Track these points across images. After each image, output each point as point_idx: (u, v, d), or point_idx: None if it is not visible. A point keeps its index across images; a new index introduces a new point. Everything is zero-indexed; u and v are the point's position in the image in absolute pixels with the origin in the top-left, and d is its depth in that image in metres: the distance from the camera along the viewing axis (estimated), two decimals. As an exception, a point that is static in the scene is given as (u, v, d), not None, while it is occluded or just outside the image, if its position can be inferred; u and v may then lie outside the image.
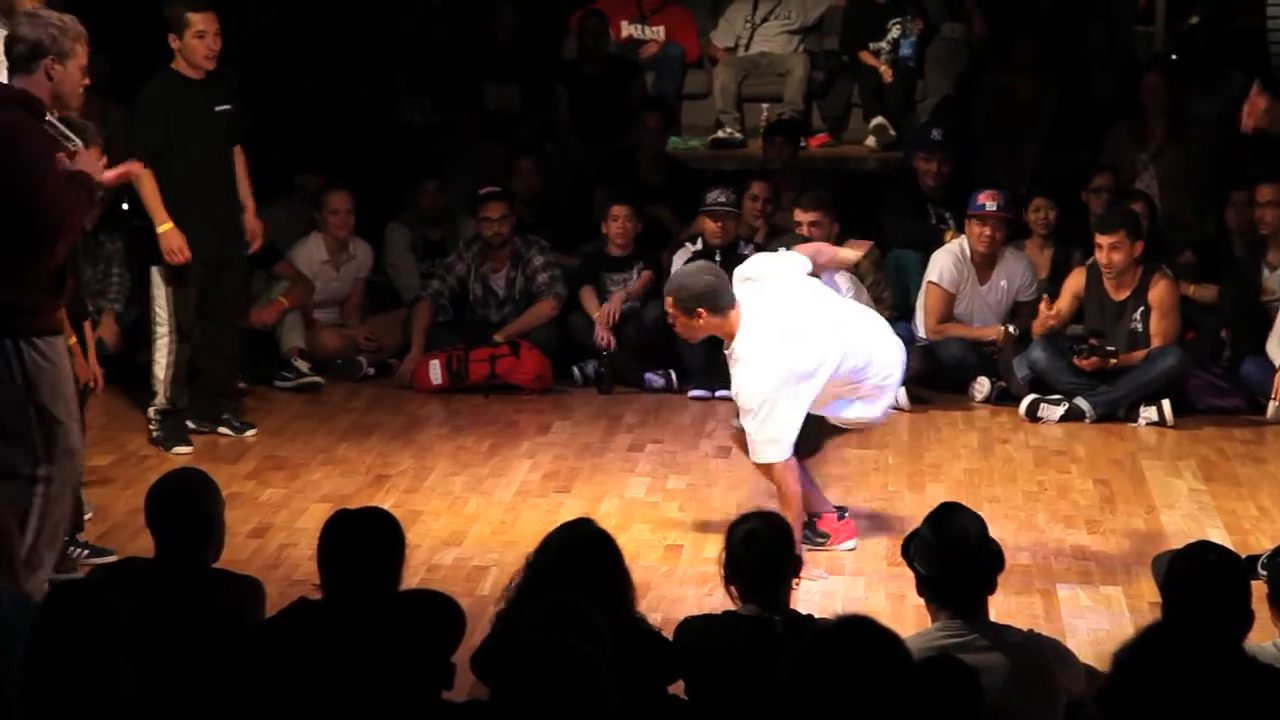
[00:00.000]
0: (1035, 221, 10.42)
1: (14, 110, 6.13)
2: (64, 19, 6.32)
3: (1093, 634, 6.42)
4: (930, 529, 4.87)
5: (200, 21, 8.57)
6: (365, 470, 8.62)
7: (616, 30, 12.68)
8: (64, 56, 6.21)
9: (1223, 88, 11.63)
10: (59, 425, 6.24)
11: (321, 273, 10.47)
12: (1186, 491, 8.39)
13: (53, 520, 6.30)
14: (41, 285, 6.20)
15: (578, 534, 5.12)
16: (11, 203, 6.07)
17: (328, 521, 4.97)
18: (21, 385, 6.17)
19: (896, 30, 12.26)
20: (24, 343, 6.16)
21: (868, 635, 3.91)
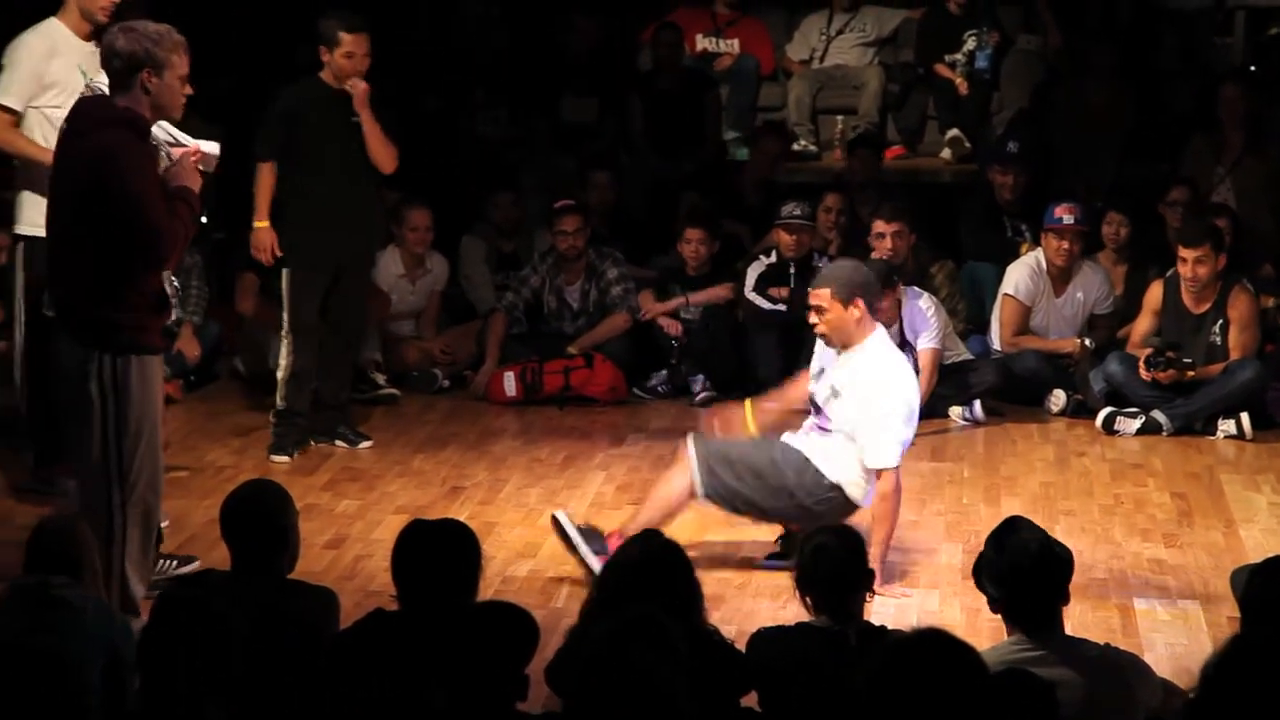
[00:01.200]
0: (1108, 236, 10.36)
1: (119, 130, 6.11)
2: (160, 29, 6.30)
3: (1170, 649, 6.37)
4: (992, 548, 4.83)
5: (352, 43, 8.68)
6: (441, 482, 8.64)
7: (691, 43, 12.67)
8: (160, 68, 6.18)
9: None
10: (142, 441, 6.28)
11: (398, 286, 10.51)
12: (1265, 505, 8.32)
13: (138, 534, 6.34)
14: (145, 305, 6.24)
15: (650, 546, 5.12)
16: (117, 225, 6.09)
17: (402, 532, 4.98)
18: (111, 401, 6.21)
19: (972, 42, 12.21)
20: (121, 360, 6.20)
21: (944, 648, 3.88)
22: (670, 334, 10.29)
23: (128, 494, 6.27)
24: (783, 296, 10.23)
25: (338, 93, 8.73)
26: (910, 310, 9.53)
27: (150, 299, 6.24)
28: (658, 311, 10.41)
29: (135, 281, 6.17)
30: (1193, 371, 9.51)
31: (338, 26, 8.68)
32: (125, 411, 6.21)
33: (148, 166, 6.19)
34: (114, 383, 6.19)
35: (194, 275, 10.20)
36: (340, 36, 8.67)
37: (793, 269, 10.28)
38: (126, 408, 6.21)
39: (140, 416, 6.25)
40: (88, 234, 6.15)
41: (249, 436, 9.22)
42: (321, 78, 8.76)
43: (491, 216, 11.10)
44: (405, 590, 4.90)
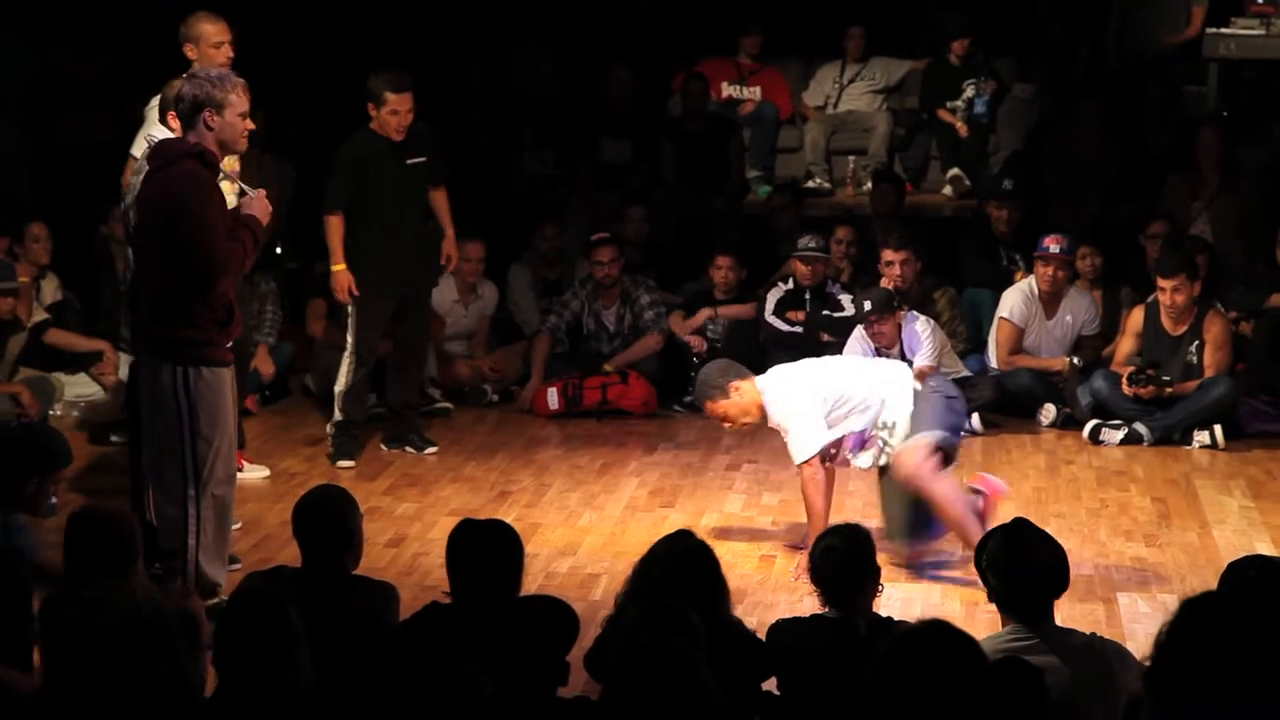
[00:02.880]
0: (1082, 267, 10.33)
1: (188, 163, 6.23)
2: (218, 73, 6.40)
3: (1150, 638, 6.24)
4: (1002, 545, 4.81)
5: (396, 102, 8.71)
6: (490, 487, 8.64)
7: (717, 90, 12.67)
8: (221, 107, 6.27)
9: (1267, 141, 11.52)
10: (213, 449, 6.30)
11: (452, 310, 10.52)
12: (1237, 508, 8.28)
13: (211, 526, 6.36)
14: (212, 320, 6.28)
15: (680, 545, 5.11)
16: (181, 247, 6.16)
17: (453, 531, 4.98)
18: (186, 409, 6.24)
19: (971, 90, 12.19)
20: (192, 371, 6.24)
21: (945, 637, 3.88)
22: (694, 349, 10.28)
23: (201, 490, 6.30)
24: (799, 320, 10.23)
25: (389, 142, 8.75)
26: (908, 332, 9.53)
27: (218, 315, 6.29)
28: (688, 328, 10.39)
29: (202, 300, 6.21)
30: (1171, 388, 9.47)
31: (385, 86, 8.71)
32: (198, 417, 6.25)
33: (212, 195, 6.26)
34: (186, 391, 6.23)
35: (269, 301, 10.23)
36: (386, 96, 8.70)
37: (808, 295, 10.27)
38: (199, 413, 6.25)
39: (212, 421, 6.28)
40: (162, 258, 6.23)
41: (318, 446, 9.24)
42: (373, 129, 8.79)
43: (537, 247, 11.12)
44: (457, 585, 4.91)
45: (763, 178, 12.46)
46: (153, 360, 6.33)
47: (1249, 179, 11.18)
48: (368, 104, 8.77)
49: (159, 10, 8.08)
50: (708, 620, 4.65)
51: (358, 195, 8.77)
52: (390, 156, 8.77)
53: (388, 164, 8.77)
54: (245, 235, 6.29)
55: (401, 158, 8.79)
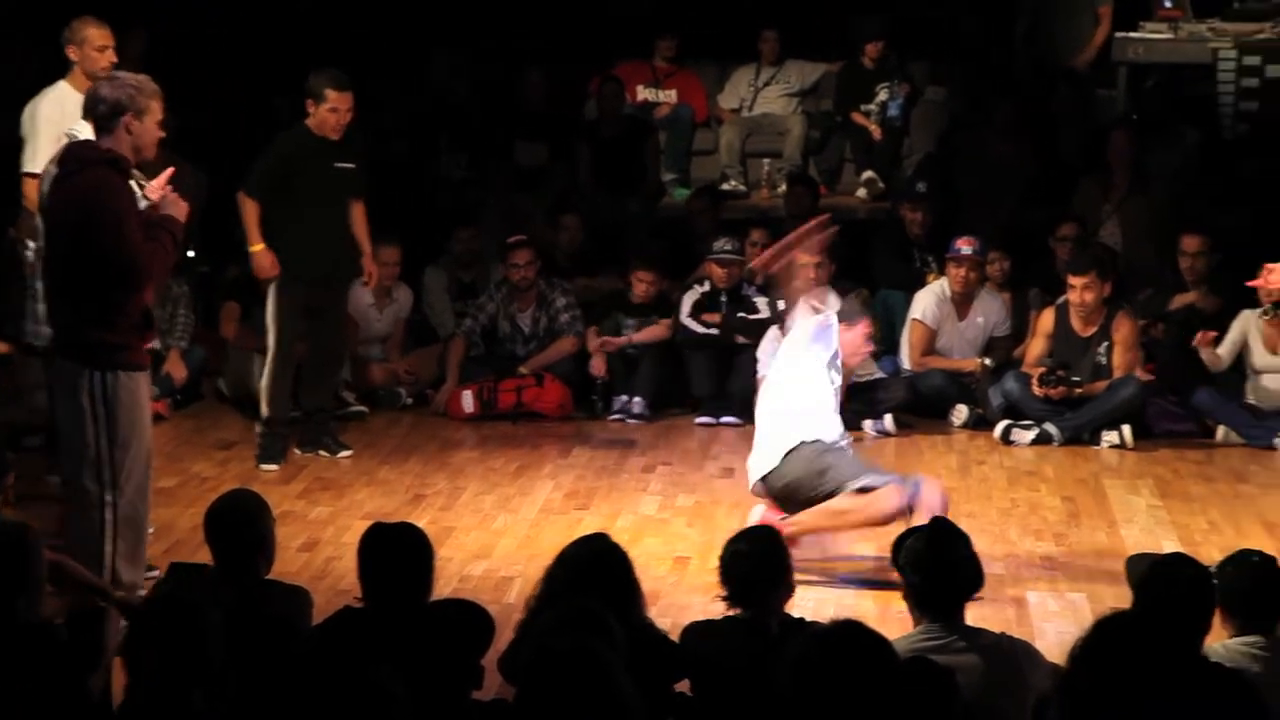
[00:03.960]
0: (991, 272, 10.41)
1: (102, 169, 6.18)
2: (139, 79, 6.37)
3: (1059, 636, 6.37)
4: (924, 542, 4.85)
5: (337, 100, 8.71)
6: (404, 490, 8.61)
7: (633, 94, 12.69)
8: (142, 113, 6.26)
9: (1176, 144, 11.65)
10: (130, 453, 6.26)
11: (367, 314, 10.49)
12: (1144, 507, 8.37)
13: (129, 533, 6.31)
14: (129, 325, 6.24)
15: (594, 547, 5.12)
16: (101, 253, 6.12)
17: (364, 535, 4.97)
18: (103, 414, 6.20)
19: (885, 93, 12.26)
20: (110, 375, 6.19)
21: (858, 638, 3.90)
22: (595, 374, 10.27)
23: (118, 496, 6.25)
24: (715, 322, 10.26)
25: (322, 140, 8.75)
26: None
27: (134, 320, 6.25)
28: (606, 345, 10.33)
29: (120, 305, 6.18)
30: (1080, 388, 9.57)
31: (326, 84, 8.71)
32: (115, 422, 6.20)
33: (127, 202, 6.22)
34: (104, 396, 6.18)
35: (181, 304, 10.17)
36: (328, 93, 8.70)
37: (724, 298, 10.31)
38: (116, 418, 6.20)
39: (129, 426, 6.23)
40: (77, 263, 6.18)
41: (230, 450, 9.19)
42: (308, 125, 8.78)
43: (453, 250, 11.10)
44: (368, 589, 4.90)
45: (678, 180, 12.49)
46: (69, 365, 6.27)
47: (1159, 182, 11.30)
48: (306, 100, 8.75)
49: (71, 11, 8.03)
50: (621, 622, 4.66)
51: (283, 189, 8.75)
52: (322, 156, 8.77)
53: (319, 163, 8.77)
54: (164, 236, 6.26)
55: (332, 159, 8.78)
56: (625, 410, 10.13)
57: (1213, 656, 4.51)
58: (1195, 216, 10.71)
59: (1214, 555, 6.82)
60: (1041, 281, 10.50)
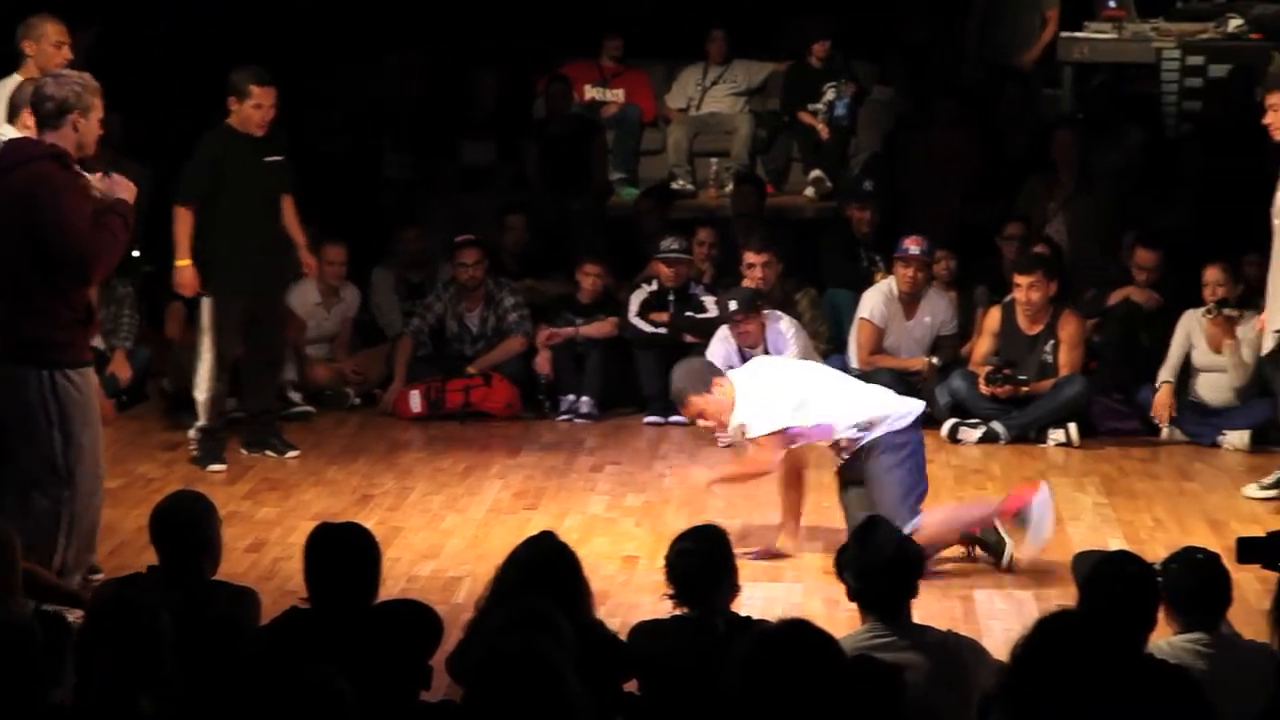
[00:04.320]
0: (938, 271, 10.45)
1: (46, 164, 6.20)
2: (83, 77, 6.39)
3: (1006, 634, 6.37)
4: (855, 543, 4.88)
5: (260, 95, 8.69)
6: (352, 490, 8.59)
7: (580, 93, 12.69)
8: (87, 110, 6.29)
9: (1120, 143, 11.73)
10: (84, 450, 6.23)
11: (314, 313, 10.45)
12: (1090, 505, 8.42)
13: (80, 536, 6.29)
14: (75, 321, 6.22)
15: (543, 547, 5.11)
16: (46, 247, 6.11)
17: (309, 535, 4.96)
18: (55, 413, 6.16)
19: (832, 93, 12.30)
20: (58, 374, 6.16)
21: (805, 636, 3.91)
22: (540, 370, 10.26)
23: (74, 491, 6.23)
24: (663, 322, 10.28)
25: (248, 137, 8.71)
26: (773, 332, 9.62)
27: (79, 314, 6.23)
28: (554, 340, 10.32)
29: (65, 299, 6.16)
30: (1026, 387, 9.62)
31: (249, 80, 8.68)
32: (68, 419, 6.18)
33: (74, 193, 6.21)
34: (55, 394, 6.15)
35: (126, 304, 10.12)
36: (251, 89, 8.68)
37: (671, 297, 10.32)
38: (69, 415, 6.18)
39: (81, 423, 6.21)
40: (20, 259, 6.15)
41: (176, 451, 9.14)
42: (232, 124, 8.75)
43: (399, 250, 11.07)
44: (315, 590, 4.89)
45: (626, 180, 12.50)
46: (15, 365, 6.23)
47: (1103, 180, 11.37)
48: (229, 98, 8.72)
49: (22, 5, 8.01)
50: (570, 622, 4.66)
51: (214, 190, 8.71)
52: (250, 153, 8.74)
53: (246, 160, 8.74)
54: (113, 220, 6.26)
55: (260, 154, 8.76)
56: (573, 410, 10.13)
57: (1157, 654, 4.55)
58: (1139, 215, 10.79)
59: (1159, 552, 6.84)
60: (988, 280, 10.57)
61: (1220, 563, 4.97)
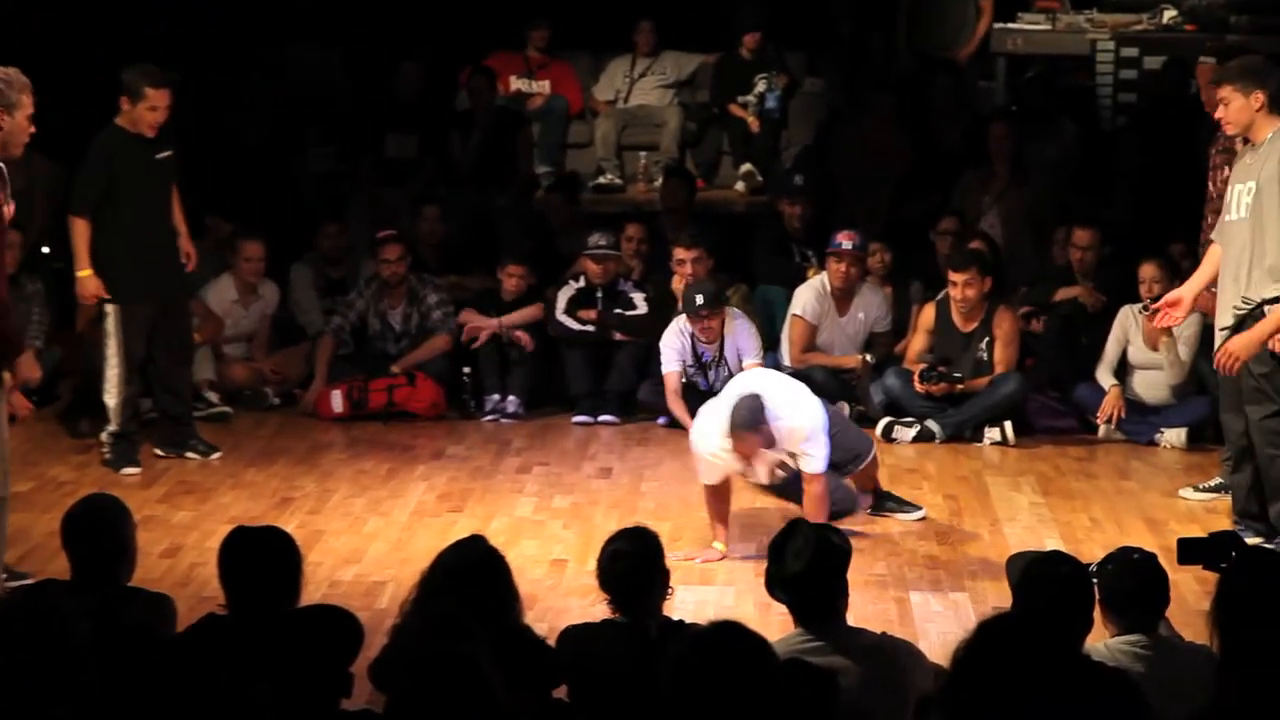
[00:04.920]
0: (873, 265, 10.49)
1: None
2: (9, 72, 6.25)
3: (942, 636, 6.44)
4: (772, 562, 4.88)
5: (155, 98, 8.62)
6: (271, 493, 8.54)
7: (506, 84, 12.66)
8: (14, 108, 6.19)
9: (1055, 136, 11.81)
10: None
11: (231, 311, 10.39)
12: (1026, 505, 8.46)
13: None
14: None
15: (469, 551, 5.10)
16: None
17: (225, 539, 4.93)
18: None
19: (762, 85, 12.32)
20: None
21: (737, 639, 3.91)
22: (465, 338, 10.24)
23: None
24: (591, 319, 10.26)
25: (139, 138, 8.66)
26: (737, 330, 9.65)
27: None
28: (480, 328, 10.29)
29: None
30: (962, 384, 9.67)
31: (144, 81, 8.62)
32: None
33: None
34: None
35: (35, 302, 10.02)
36: (146, 91, 8.61)
37: (599, 294, 10.31)
38: None
39: None
40: None
41: (89, 453, 9.06)
42: (121, 125, 8.69)
43: (320, 245, 11.02)
44: (232, 596, 4.85)
45: (553, 174, 12.47)
46: None
47: (1039, 174, 11.45)
48: (121, 98, 8.65)
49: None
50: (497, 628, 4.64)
51: (109, 194, 8.65)
52: (142, 153, 8.70)
53: (139, 160, 8.70)
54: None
55: (152, 153, 8.72)
56: (499, 409, 10.11)
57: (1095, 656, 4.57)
58: (1074, 209, 10.86)
59: (1096, 553, 6.89)
60: (922, 275, 10.60)
61: (1158, 563, 5.01)
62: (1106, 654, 4.73)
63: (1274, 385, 7.31)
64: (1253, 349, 7.12)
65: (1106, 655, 4.71)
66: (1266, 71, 7.41)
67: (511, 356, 10.26)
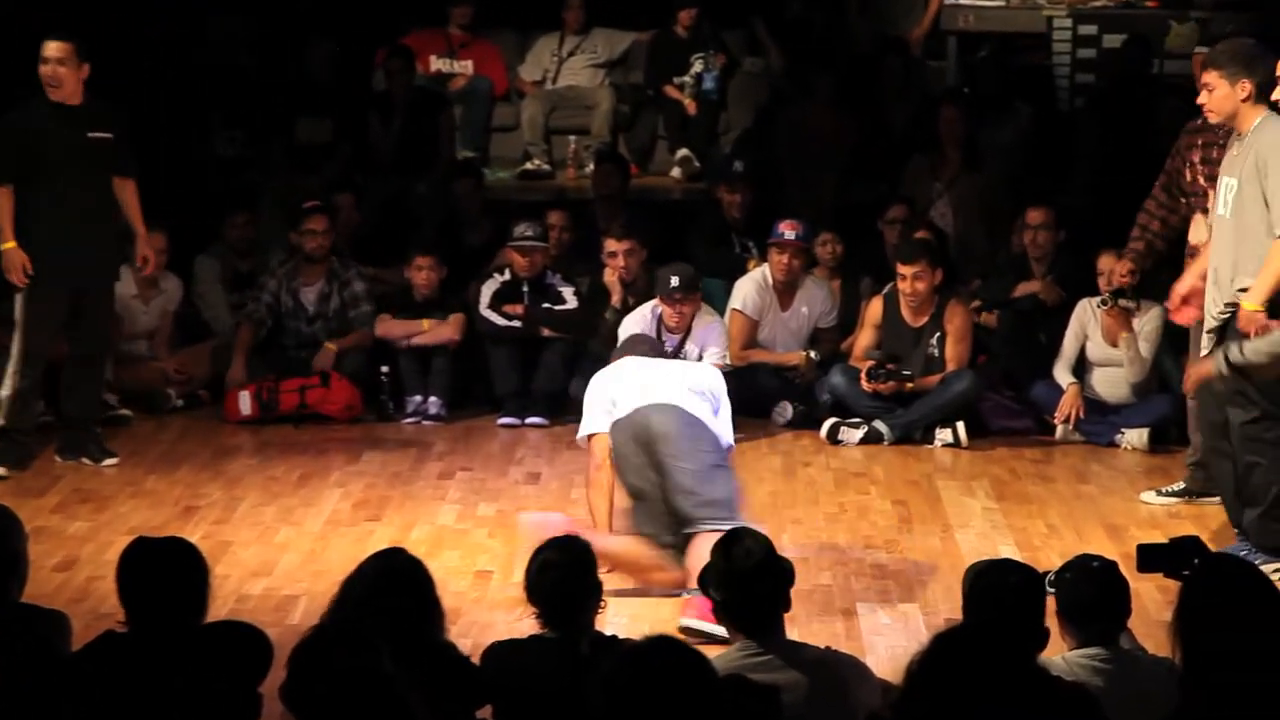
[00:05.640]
0: (822, 254, 10.53)
1: None
2: None
3: (890, 651, 6.47)
4: (718, 556, 4.89)
5: (45, 49, 8.62)
6: (174, 502, 8.51)
7: (426, 64, 12.63)
8: None
9: (1009, 119, 11.87)
10: None
11: (130, 307, 10.32)
12: (980, 510, 8.51)
13: None
14: None
15: (389, 563, 5.08)
16: None
17: (124, 551, 4.90)
18: None
19: (699, 65, 12.34)
20: None
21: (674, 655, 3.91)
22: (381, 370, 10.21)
23: None
24: (517, 314, 10.24)
25: (60, 106, 8.61)
26: (709, 326, 9.66)
27: None
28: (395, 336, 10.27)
29: None
30: (911, 383, 9.71)
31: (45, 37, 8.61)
32: None
33: None
34: None
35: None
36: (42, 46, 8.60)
37: (526, 288, 10.29)
38: None
39: None
40: None
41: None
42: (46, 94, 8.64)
43: (227, 237, 10.97)
44: (132, 611, 4.82)
45: (477, 159, 12.45)
46: None
47: (992, 159, 11.50)
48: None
49: None
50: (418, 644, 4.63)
51: (26, 168, 8.59)
52: (64, 125, 8.65)
53: (62, 133, 8.65)
54: None
55: (80, 128, 8.65)
56: (420, 411, 10.09)
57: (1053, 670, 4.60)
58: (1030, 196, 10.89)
59: (1053, 560, 6.96)
60: (870, 265, 10.63)
61: (1118, 571, 5.04)
62: (1065, 668, 4.75)
63: (1258, 388, 7.34)
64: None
65: (1065, 669, 4.73)
66: (1258, 58, 7.38)
67: (433, 356, 10.24)
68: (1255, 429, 7.39)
